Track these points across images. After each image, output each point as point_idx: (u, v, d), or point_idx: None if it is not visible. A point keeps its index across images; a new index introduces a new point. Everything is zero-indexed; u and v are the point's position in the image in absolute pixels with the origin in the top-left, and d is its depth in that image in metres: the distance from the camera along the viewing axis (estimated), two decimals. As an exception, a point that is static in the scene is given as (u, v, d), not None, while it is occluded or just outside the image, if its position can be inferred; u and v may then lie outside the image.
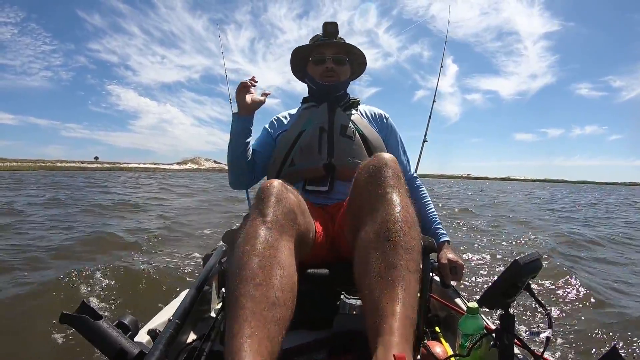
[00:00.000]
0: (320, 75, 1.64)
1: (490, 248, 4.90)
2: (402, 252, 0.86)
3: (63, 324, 0.79)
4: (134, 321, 0.93)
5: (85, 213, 7.38)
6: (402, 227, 0.90)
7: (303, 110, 1.69)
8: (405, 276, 0.82)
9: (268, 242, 0.88)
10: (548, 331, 0.88)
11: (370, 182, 1.03)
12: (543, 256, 0.94)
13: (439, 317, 1.45)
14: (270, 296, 0.78)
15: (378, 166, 1.04)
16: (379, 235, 0.90)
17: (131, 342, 0.81)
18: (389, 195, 0.97)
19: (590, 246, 5.40)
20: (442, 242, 1.55)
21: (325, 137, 1.54)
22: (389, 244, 0.88)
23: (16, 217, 6.56)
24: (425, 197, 1.68)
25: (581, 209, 13.69)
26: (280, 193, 1.01)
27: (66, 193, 12.86)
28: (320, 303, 1.27)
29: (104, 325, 0.80)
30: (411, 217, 0.95)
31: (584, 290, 3.15)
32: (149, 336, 1.08)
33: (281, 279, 0.83)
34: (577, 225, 8.19)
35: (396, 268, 0.83)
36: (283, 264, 0.87)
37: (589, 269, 4.00)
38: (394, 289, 0.80)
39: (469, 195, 20.24)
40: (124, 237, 4.86)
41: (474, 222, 7.93)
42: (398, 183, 1.02)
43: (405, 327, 0.74)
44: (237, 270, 0.83)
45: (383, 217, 0.93)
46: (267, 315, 0.76)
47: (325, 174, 1.50)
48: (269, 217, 0.94)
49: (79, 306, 0.82)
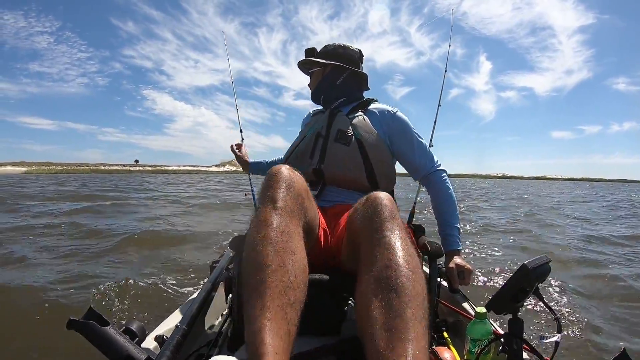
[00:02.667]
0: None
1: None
2: (407, 299, 0.80)
3: (70, 330, 0.79)
4: (141, 327, 0.93)
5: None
6: (405, 272, 0.84)
7: (312, 117, 1.78)
8: (412, 326, 0.76)
9: (280, 228, 0.91)
10: (557, 335, 0.87)
11: (365, 227, 0.98)
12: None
13: (446, 322, 1.43)
14: (285, 281, 0.81)
15: (373, 207, 1.00)
16: (379, 283, 0.84)
17: (138, 348, 0.82)
18: (386, 240, 0.91)
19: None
20: (452, 250, 1.52)
21: (320, 143, 1.58)
22: (392, 292, 0.81)
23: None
24: (448, 193, 1.60)
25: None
26: (288, 178, 1.02)
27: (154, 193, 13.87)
28: (327, 309, 1.27)
29: (111, 331, 0.80)
30: (413, 261, 0.89)
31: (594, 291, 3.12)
32: (156, 342, 1.08)
33: (294, 263, 0.86)
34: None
35: (402, 318, 0.76)
36: (295, 249, 0.89)
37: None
38: (402, 343, 0.73)
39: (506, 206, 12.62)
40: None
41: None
42: (395, 226, 0.96)
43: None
44: (252, 258, 0.85)
45: (382, 263, 0.87)
46: (284, 299, 0.78)
47: (316, 179, 1.54)
48: (279, 202, 0.96)
49: (86, 312, 0.83)
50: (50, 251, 4.22)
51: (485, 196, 14.35)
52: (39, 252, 4.17)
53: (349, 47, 1.75)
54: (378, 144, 1.55)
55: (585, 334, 2.40)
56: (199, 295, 1.15)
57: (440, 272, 1.50)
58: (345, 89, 1.72)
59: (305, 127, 1.75)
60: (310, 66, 1.79)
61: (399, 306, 0.78)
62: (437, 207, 1.61)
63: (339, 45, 1.75)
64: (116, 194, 13.73)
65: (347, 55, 1.74)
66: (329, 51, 1.75)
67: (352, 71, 1.73)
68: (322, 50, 1.77)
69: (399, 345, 0.72)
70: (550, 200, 16.21)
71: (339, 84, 1.71)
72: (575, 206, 13.55)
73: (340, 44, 1.75)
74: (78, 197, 11.67)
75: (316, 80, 1.77)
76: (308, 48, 1.80)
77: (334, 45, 1.75)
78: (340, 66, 1.71)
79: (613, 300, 3.10)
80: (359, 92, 1.78)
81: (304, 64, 1.81)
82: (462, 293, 1.51)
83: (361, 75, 1.76)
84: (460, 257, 1.50)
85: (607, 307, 2.91)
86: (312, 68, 1.78)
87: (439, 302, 1.44)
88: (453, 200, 1.60)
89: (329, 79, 1.73)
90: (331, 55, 1.73)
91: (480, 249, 4.98)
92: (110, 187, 18.95)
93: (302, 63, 1.82)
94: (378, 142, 1.56)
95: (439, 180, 1.62)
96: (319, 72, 1.76)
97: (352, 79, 1.74)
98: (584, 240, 5.89)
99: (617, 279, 3.63)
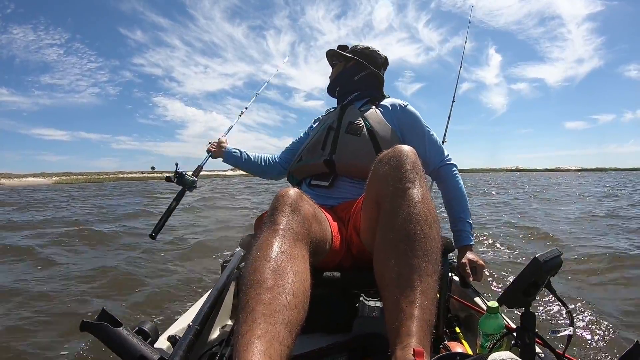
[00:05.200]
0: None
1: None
2: (421, 253, 0.85)
3: (83, 331, 0.80)
4: (153, 328, 0.94)
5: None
6: (422, 227, 0.88)
7: (325, 115, 1.84)
8: (424, 279, 0.81)
9: (281, 248, 0.88)
10: (570, 329, 0.86)
11: (390, 175, 0.99)
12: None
13: (459, 317, 1.43)
14: (281, 299, 0.77)
15: (398, 158, 1.01)
16: (398, 235, 0.88)
17: (151, 349, 0.82)
18: (409, 191, 0.94)
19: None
20: (464, 245, 1.51)
21: (331, 135, 1.60)
22: (408, 245, 0.86)
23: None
24: (458, 187, 1.60)
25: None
26: (294, 202, 1.00)
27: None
28: (339, 306, 1.27)
29: (124, 332, 0.81)
30: (432, 216, 0.91)
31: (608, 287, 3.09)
32: (168, 342, 1.09)
33: (293, 283, 0.82)
34: None
35: (415, 270, 0.82)
36: (296, 270, 0.85)
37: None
38: (413, 292, 0.79)
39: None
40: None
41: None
42: (418, 177, 0.98)
43: (422, 330, 0.74)
44: (249, 275, 0.82)
45: (403, 216, 0.90)
46: (277, 317, 0.74)
47: (327, 170, 1.54)
48: (281, 225, 0.93)
49: (99, 314, 0.83)
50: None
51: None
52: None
53: (376, 50, 1.83)
54: (390, 134, 1.55)
55: (598, 327, 2.37)
56: (211, 295, 1.15)
57: (452, 267, 1.49)
58: (361, 85, 1.77)
59: (319, 123, 1.81)
60: (335, 58, 1.87)
61: (414, 259, 0.84)
62: (447, 202, 1.60)
63: (367, 47, 1.82)
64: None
65: (372, 56, 1.80)
66: (357, 50, 1.82)
67: (371, 71, 1.77)
68: (352, 48, 1.84)
69: (411, 294, 0.79)
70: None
71: (356, 79, 1.77)
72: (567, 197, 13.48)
73: (369, 46, 1.83)
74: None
75: (337, 72, 1.84)
76: (341, 44, 1.89)
77: (364, 46, 1.83)
78: (362, 63, 1.76)
79: (627, 292, 3.07)
80: (374, 91, 1.80)
81: (332, 55, 1.89)
82: (473, 288, 1.51)
83: (379, 78, 1.80)
84: (473, 252, 1.49)
85: (621, 299, 2.88)
86: (336, 60, 1.86)
87: (450, 297, 1.44)
88: (463, 194, 1.59)
89: (348, 73, 1.79)
90: (358, 53, 1.80)
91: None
92: (164, 190, 19.51)
93: (329, 54, 1.89)
94: (390, 133, 1.56)
95: (449, 174, 1.62)
96: (340, 65, 1.83)
97: (369, 78, 1.78)
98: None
99: (632, 268, 3.58)
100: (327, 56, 1.93)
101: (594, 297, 2.92)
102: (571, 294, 2.96)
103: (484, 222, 6.99)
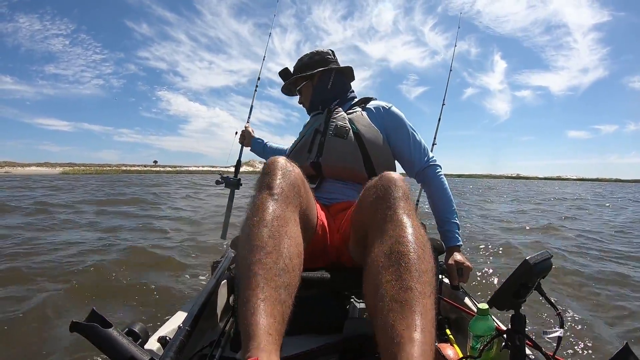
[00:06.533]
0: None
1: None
2: (417, 275, 0.81)
3: (73, 332, 0.79)
4: (143, 329, 0.93)
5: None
6: (415, 249, 0.86)
7: (311, 118, 1.83)
8: (421, 301, 0.77)
9: (275, 212, 0.93)
10: (560, 331, 0.87)
11: (378, 203, 0.99)
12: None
13: (449, 319, 1.44)
14: (279, 263, 0.83)
15: (386, 186, 1.01)
16: (390, 257, 0.85)
17: (141, 350, 0.82)
18: (399, 217, 0.93)
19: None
20: (452, 246, 1.53)
21: (318, 138, 1.62)
22: (402, 266, 0.82)
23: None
24: (443, 188, 1.61)
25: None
26: (284, 167, 1.05)
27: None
28: (329, 307, 1.27)
29: (114, 333, 0.80)
30: (423, 239, 0.90)
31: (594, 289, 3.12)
32: (159, 343, 1.08)
33: (289, 247, 0.88)
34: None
35: (411, 291, 0.78)
36: (290, 233, 0.91)
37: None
38: (411, 315, 0.74)
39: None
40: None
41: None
42: (407, 204, 0.98)
43: (425, 355, 0.69)
44: (247, 240, 0.87)
45: (394, 239, 0.89)
46: (278, 280, 0.80)
47: (314, 173, 1.57)
48: (275, 189, 0.98)
49: (88, 314, 0.83)
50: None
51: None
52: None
53: (321, 50, 1.84)
54: (376, 136, 1.58)
55: (588, 329, 2.39)
56: (201, 296, 1.15)
57: (442, 269, 1.50)
58: (337, 89, 1.78)
59: (305, 127, 1.81)
60: (297, 84, 1.85)
61: (409, 280, 0.80)
62: (433, 203, 1.62)
63: (314, 53, 1.83)
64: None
65: (324, 59, 1.81)
66: (306, 63, 1.81)
67: (336, 70, 1.79)
68: (298, 66, 1.84)
69: (409, 317, 0.74)
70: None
71: (330, 87, 1.77)
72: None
73: (313, 52, 1.84)
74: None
75: (308, 94, 1.83)
76: (281, 70, 1.88)
77: (308, 55, 1.84)
78: (326, 70, 1.77)
79: (618, 295, 3.10)
80: (349, 86, 1.83)
81: (291, 84, 1.87)
82: (463, 289, 1.51)
83: (345, 70, 1.82)
84: (460, 253, 1.50)
85: (611, 302, 2.91)
86: (299, 85, 1.84)
87: (440, 299, 1.44)
88: (449, 195, 1.60)
89: (320, 87, 1.78)
90: (310, 65, 1.80)
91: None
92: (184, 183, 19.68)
93: (288, 84, 1.87)
94: (376, 135, 1.58)
95: (433, 175, 1.63)
96: (308, 86, 1.82)
97: (339, 78, 1.79)
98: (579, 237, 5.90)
99: (623, 273, 3.63)
100: (285, 89, 1.94)
101: (584, 298, 2.95)
102: (561, 296, 2.99)
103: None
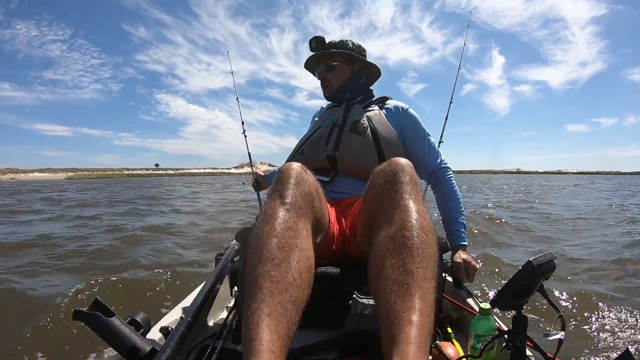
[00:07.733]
0: (321, 86, 1.75)
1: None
2: (419, 259, 0.82)
3: (76, 320, 0.80)
4: (146, 318, 0.94)
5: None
6: (419, 234, 0.87)
7: (326, 111, 1.79)
8: (422, 284, 0.79)
9: (287, 223, 0.89)
10: (561, 333, 0.87)
11: (385, 187, 1.00)
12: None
13: (451, 317, 1.43)
14: (288, 277, 0.79)
15: (394, 171, 1.01)
16: (394, 241, 0.86)
17: (143, 340, 0.82)
18: (405, 202, 0.94)
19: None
20: (458, 245, 1.52)
21: (335, 132, 1.60)
22: (405, 250, 0.84)
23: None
24: (453, 190, 1.62)
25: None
26: (299, 175, 1.01)
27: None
28: (331, 302, 1.27)
29: (116, 322, 0.81)
30: (428, 225, 0.91)
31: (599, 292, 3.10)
32: (161, 333, 1.09)
33: (299, 260, 0.84)
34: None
35: (413, 275, 0.79)
36: (301, 246, 0.87)
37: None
38: (411, 297, 0.76)
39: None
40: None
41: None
42: (414, 190, 0.98)
43: (422, 337, 0.71)
44: (256, 251, 0.83)
45: (399, 224, 0.89)
46: (285, 295, 0.76)
47: (329, 166, 1.55)
48: (288, 199, 0.94)
49: (91, 303, 0.83)
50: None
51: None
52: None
53: (360, 44, 1.72)
54: (392, 136, 1.57)
55: (589, 332, 2.38)
56: (204, 287, 1.15)
57: (445, 268, 1.50)
58: (365, 86, 1.76)
59: (320, 118, 1.76)
60: (335, 60, 1.68)
61: (412, 265, 0.81)
62: (442, 204, 1.63)
63: (358, 45, 1.71)
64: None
65: (362, 52, 1.72)
66: (351, 49, 1.68)
67: (372, 69, 1.75)
68: (337, 44, 1.69)
69: (409, 299, 0.76)
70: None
71: (362, 82, 1.73)
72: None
73: (350, 40, 1.71)
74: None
75: (341, 78, 1.70)
76: (316, 36, 1.69)
77: (352, 42, 1.70)
78: (367, 63, 1.71)
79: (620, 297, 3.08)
80: (368, 89, 1.79)
81: (325, 58, 1.69)
82: (466, 289, 1.51)
83: (376, 72, 1.77)
84: (466, 252, 1.50)
85: (613, 306, 2.89)
86: (337, 62, 1.68)
87: (443, 297, 1.44)
88: (458, 196, 1.62)
89: (356, 77, 1.71)
90: (357, 52, 1.69)
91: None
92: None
93: (323, 55, 1.69)
94: (392, 135, 1.58)
95: (444, 177, 1.65)
96: (346, 70, 1.69)
97: (367, 77, 1.76)
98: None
99: (625, 275, 3.60)
100: (314, 58, 1.71)
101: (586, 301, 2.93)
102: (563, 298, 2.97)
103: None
